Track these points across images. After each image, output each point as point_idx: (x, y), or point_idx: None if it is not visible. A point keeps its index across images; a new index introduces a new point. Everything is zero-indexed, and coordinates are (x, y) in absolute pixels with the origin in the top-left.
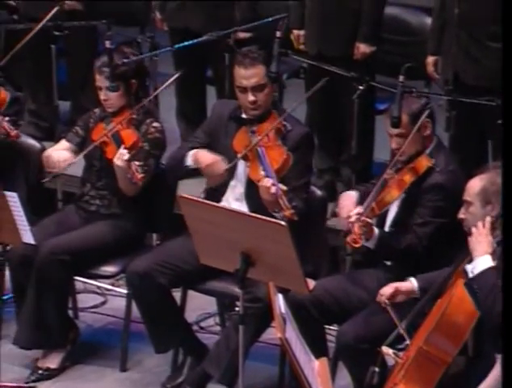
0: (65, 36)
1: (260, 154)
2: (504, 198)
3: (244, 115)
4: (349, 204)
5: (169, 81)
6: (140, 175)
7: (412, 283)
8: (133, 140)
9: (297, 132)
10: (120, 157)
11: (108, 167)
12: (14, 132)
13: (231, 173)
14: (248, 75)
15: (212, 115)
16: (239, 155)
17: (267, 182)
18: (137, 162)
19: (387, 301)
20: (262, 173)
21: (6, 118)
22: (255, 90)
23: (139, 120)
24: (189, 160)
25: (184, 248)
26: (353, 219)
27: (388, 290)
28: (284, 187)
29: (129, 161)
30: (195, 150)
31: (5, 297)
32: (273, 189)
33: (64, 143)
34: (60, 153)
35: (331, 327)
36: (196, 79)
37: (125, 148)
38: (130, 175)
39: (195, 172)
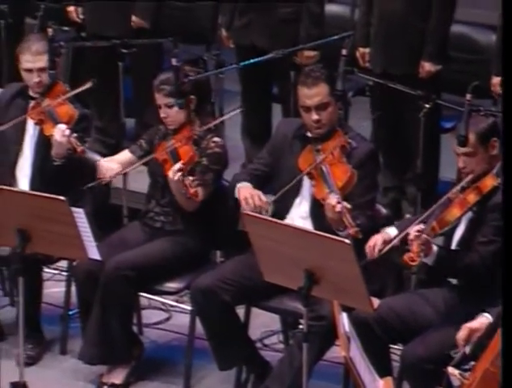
0: (131, 54)
1: (325, 173)
2: (504, 198)
3: (308, 134)
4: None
5: (228, 115)
6: (193, 190)
7: (486, 318)
8: (189, 155)
9: (362, 150)
10: (173, 172)
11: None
12: (80, 148)
13: (296, 190)
14: (311, 94)
15: (277, 134)
16: (303, 172)
17: (332, 200)
18: (191, 177)
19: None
20: (327, 191)
21: (74, 134)
22: (319, 109)
23: (200, 136)
24: (235, 192)
25: (248, 265)
26: (412, 237)
27: (463, 334)
28: (348, 206)
29: (183, 176)
30: (240, 183)
31: (70, 313)
32: (338, 207)
33: (126, 153)
34: (111, 163)
35: (396, 346)
36: (262, 97)
37: (181, 163)
38: (184, 190)
39: None
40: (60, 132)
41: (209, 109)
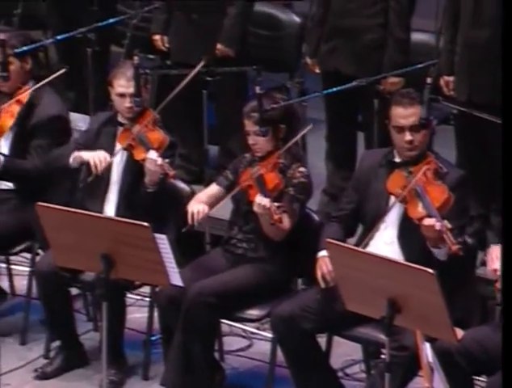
0: (215, 81)
1: (419, 192)
2: (504, 198)
3: (397, 159)
4: (498, 256)
5: (299, 135)
6: (277, 216)
7: None
8: (275, 182)
9: (454, 175)
10: (259, 206)
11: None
12: (172, 173)
13: (381, 217)
14: (406, 114)
15: (361, 166)
16: (394, 200)
17: (430, 220)
18: (277, 204)
19: None
20: (422, 210)
21: (166, 160)
22: (412, 130)
23: (286, 164)
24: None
25: (329, 294)
26: None
27: None
28: (449, 225)
29: (269, 202)
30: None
31: (153, 338)
32: (437, 226)
33: (214, 186)
34: (198, 206)
35: (480, 378)
36: (346, 124)
37: (267, 191)
38: (270, 217)
39: None
40: (152, 161)
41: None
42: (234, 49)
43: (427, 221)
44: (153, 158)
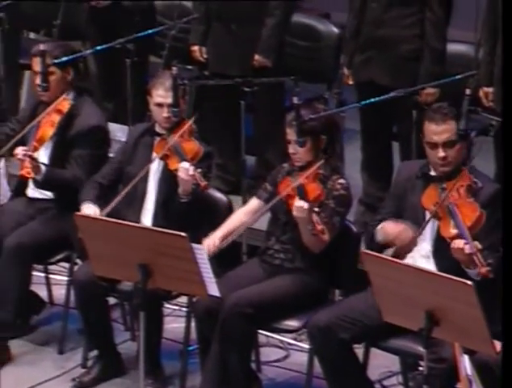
0: (253, 92)
1: (451, 210)
2: (504, 198)
3: (432, 173)
4: None
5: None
6: (320, 227)
7: None
8: (316, 193)
9: (488, 190)
10: (299, 209)
11: (293, 221)
12: (203, 183)
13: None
14: (439, 131)
15: (398, 178)
16: (429, 215)
17: (460, 243)
18: (318, 214)
19: None
20: (454, 230)
21: (198, 169)
22: (446, 146)
23: (325, 175)
24: (378, 235)
25: (367, 303)
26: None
27: None
28: (479, 246)
29: (310, 213)
30: (381, 225)
31: (190, 348)
32: (467, 249)
33: (254, 200)
34: (210, 239)
35: None
36: (382, 134)
37: (308, 201)
38: (311, 227)
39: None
40: (184, 171)
41: (338, 149)
42: (272, 60)
43: (457, 244)
44: (185, 168)
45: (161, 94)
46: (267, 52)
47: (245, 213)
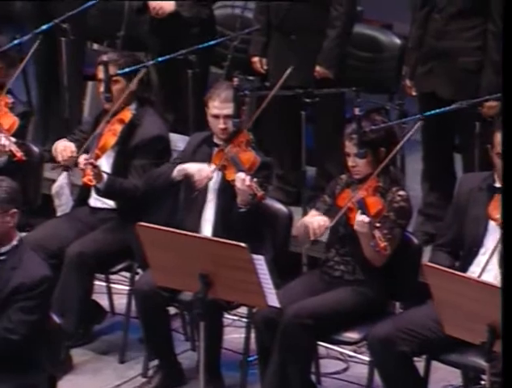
0: (314, 103)
1: None
2: (504, 198)
3: (497, 184)
4: None
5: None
6: (383, 244)
7: None
8: (378, 208)
9: None
10: (360, 224)
11: (353, 234)
12: (260, 194)
13: (479, 242)
14: None
15: (460, 190)
16: (497, 224)
17: None
18: (381, 230)
19: None
20: None
21: (255, 179)
22: None
23: (385, 187)
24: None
25: (428, 316)
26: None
27: None
28: None
29: (372, 228)
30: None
31: (250, 359)
32: None
33: (313, 213)
34: (316, 218)
35: None
36: (443, 146)
37: (369, 215)
38: (373, 243)
39: None
40: (241, 181)
41: (397, 161)
42: (333, 71)
43: None
44: (241, 178)
45: (217, 106)
46: (328, 63)
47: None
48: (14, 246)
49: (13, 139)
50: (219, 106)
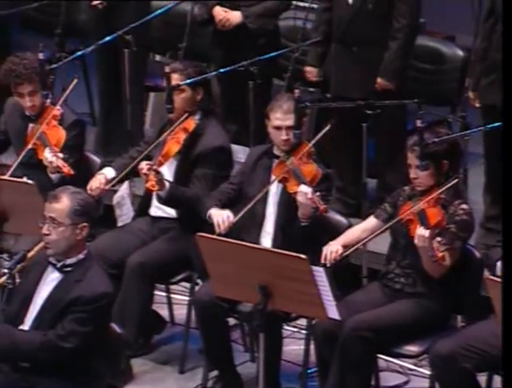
0: (375, 115)
1: None
2: (504, 198)
3: None
4: None
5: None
6: (440, 254)
7: None
8: (437, 219)
9: None
10: (420, 238)
11: (414, 246)
12: (322, 207)
13: None
14: None
15: None
16: None
17: None
18: (439, 239)
19: None
20: None
21: (317, 193)
22: None
23: (447, 200)
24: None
25: (490, 332)
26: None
27: None
28: None
29: (431, 238)
30: None
31: (309, 371)
32: None
33: (371, 219)
34: (330, 246)
35: None
36: None
37: (429, 226)
38: (431, 253)
39: None
40: (303, 195)
41: (460, 173)
42: (394, 83)
43: None
44: (303, 191)
45: (279, 117)
46: (390, 75)
47: (363, 230)
48: (80, 259)
49: (60, 155)
50: (281, 117)
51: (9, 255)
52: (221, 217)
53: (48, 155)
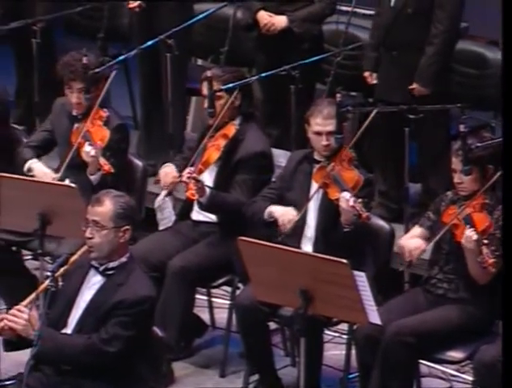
0: (418, 119)
1: None
2: (504, 198)
3: None
4: None
5: None
6: (491, 260)
7: None
8: (485, 224)
9: None
10: (468, 239)
11: (457, 251)
12: (365, 215)
13: None
14: None
15: None
16: None
17: None
18: (488, 247)
19: None
20: None
21: (359, 200)
22: None
23: (492, 205)
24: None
25: None
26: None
27: None
28: None
29: (480, 244)
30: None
31: (350, 376)
32: None
33: (416, 229)
34: (412, 241)
35: None
36: None
37: (477, 231)
38: (480, 259)
39: None
40: (345, 202)
41: None
42: (430, 89)
43: None
44: (345, 198)
45: (319, 123)
46: (425, 80)
47: (411, 238)
48: (123, 262)
49: (100, 151)
50: (321, 123)
51: (52, 258)
52: (287, 217)
53: (88, 149)
